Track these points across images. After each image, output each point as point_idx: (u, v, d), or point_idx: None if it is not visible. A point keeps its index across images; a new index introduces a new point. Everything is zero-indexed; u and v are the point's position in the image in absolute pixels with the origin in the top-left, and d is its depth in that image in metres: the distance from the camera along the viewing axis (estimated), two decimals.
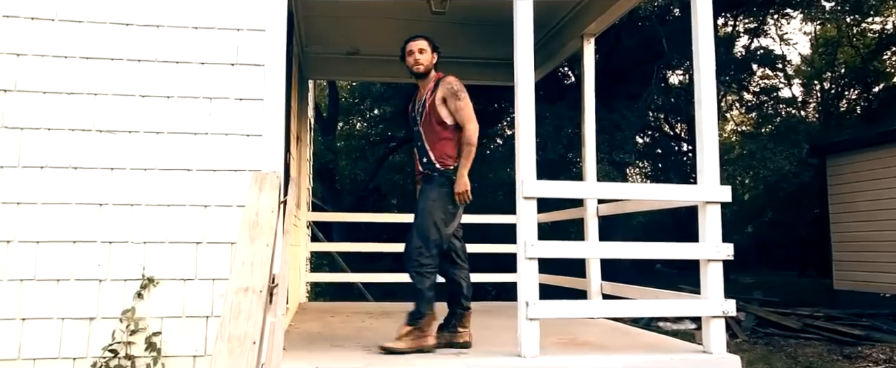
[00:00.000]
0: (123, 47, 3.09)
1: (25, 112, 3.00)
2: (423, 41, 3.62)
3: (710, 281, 3.30)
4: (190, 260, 3.02)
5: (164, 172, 3.06)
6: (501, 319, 4.91)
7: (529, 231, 3.19)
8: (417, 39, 3.62)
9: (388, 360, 3.16)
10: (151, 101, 3.08)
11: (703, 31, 3.48)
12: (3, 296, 2.89)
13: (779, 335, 9.69)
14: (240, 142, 3.11)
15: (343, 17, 5.56)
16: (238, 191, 3.07)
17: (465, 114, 3.43)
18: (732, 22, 18.32)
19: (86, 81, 3.05)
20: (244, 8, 3.17)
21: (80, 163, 3.01)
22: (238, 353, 1.96)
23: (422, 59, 3.56)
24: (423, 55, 3.57)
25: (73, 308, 2.93)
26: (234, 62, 3.15)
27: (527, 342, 3.13)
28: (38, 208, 2.97)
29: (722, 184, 3.39)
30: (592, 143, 5.00)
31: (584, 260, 4.80)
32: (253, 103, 3.13)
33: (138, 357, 2.93)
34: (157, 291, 2.98)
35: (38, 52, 3.03)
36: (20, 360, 2.88)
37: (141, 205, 3.03)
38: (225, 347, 1.98)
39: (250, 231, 2.60)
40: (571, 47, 5.52)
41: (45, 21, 3.05)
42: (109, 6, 3.09)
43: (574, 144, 13.77)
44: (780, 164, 11.35)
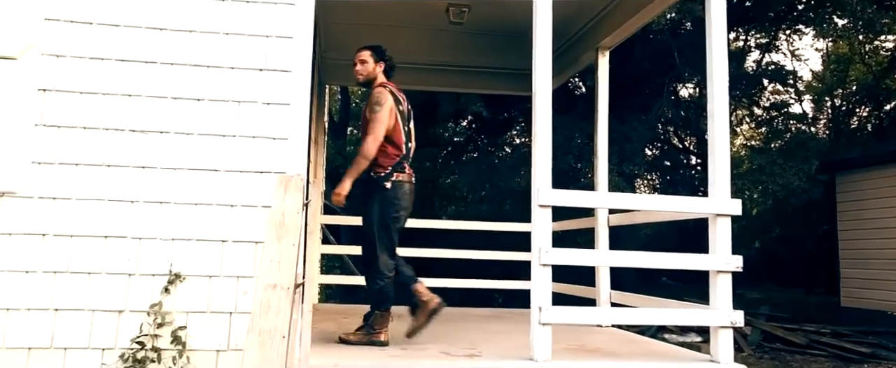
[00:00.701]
0: (157, 51, 3.21)
1: (63, 111, 3.12)
2: (366, 52, 3.84)
3: (719, 292, 3.37)
4: (215, 257, 3.13)
5: (192, 172, 3.17)
6: (509, 324, 5.00)
7: (544, 238, 3.28)
8: (361, 50, 3.88)
9: (403, 359, 3.25)
10: (183, 103, 3.20)
11: (718, 46, 3.58)
12: (38, 287, 3.00)
13: (785, 350, 9.71)
14: (266, 145, 3.22)
15: (363, 25, 5.68)
16: (263, 192, 3.18)
17: (370, 127, 3.60)
18: (744, 36, 18.38)
19: (121, 83, 3.17)
20: (273, 16, 3.29)
21: (114, 161, 3.13)
22: (268, 346, 2.06)
23: (360, 70, 3.81)
24: (363, 66, 3.81)
25: (103, 300, 3.04)
26: (263, 67, 3.27)
27: (539, 346, 3.22)
28: (73, 203, 3.08)
29: (732, 196, 3.48)
30: (605, 155, 5.09)
31: (593, 269, 4.88)
32: (280, 108, 3.24)
33: (164, 349, 3.03)
34: (183, 286, 3.09)
35: (77, 53, 3.15)
36: (52, 349, 2.99)
37: (170, 203, 3.14)
38: (256, 340, 2.07)
39: (277, 230, 2.71)
40: (586, 59, 5.62)
41: (84, 24, 3.17)
42: (145, 11, 3.22)
43: (584, 155, 13.84)
44: (790, 180, 11.38)
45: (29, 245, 3.03)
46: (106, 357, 3.02)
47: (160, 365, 3.01)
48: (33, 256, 3.03)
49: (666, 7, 4.40)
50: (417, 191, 3.98)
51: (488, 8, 5.30)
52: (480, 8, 5.27)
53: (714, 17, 3.58)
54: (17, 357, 2.96)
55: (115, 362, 3.01)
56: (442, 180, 21.42)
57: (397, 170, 3.68)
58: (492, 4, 5.24)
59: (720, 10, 3.58)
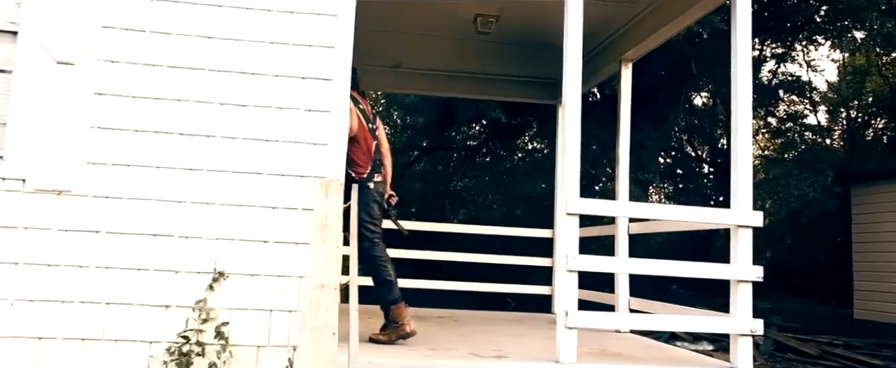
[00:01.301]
0: (206, 58, 3.36)
1: (116, 114, 3.28)
2: None
3: (740, 301, 3.49)
4: (258, 256, 3.27)
5: (237, 174, 3.32)
6: (528, 328, 5.11)
7: (571, 245, 3.41)
8: None
9: (434, 358, 3.38)
10: (228, 109, 3.35)
11: (742, 64, 3.69)
12: (91, 282, 3.16)
13: (797, 360, 9.75)
14: (307, 150, 3.36)
15: (391, 32, 5.82)
16: (303, 195, 3.32)
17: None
18: (759, 46, 18.39)
19: (171, 88, 3.33)
20: (316, 27, 3.44)
21: (163, 163, 3.28)
22: (320, 341, 2.19)
23: None
24: None
25: (151, 296, 3.20)
26: (305, 76, 3.41)
27: (565, 349, 3.34)
28: (124, 202, 3.24)
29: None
30: (626, 165, 5.21)
31: (612, 275, 4.99)
32: (321, 114, 3.39)
33: (208, 344, 3.17)
34: (226, 284, 3.24)
35: (131, 59, 3.31)
36: (103, 340, 3.14)
37: (215, 204, 3.29)
38: (308, 336, 2.21)
39: (321, 233, 2.85)
40: (608, 71, 5.75)
41: (138, 32, 3.33)
42: (195, 21, 3.37)
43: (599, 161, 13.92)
44: (805, 191, 11.42)
45: (83, 241, 3.19)
46: (153, 350, 3.17)
47: (204, 359, 3.15)
48: (87, 252, 3.18)
49: (690, 23, 4.52)
50: (430, 194, 4.13)
51: (515, 18, 5.43)
52: (507, 18, 5.40)
53: (740, 34, 3.69)
54: (72, 347, 3.12)
55: (161, 354, 3.15)
56: (454, 183, 21.54)
57: (376, 170, 3.94)
58: (519, 15, 5.37)
59: (745, 27, 3.70)
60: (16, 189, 3.17)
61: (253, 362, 3.20)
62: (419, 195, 20.00)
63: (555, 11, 4.36)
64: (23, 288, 3.12)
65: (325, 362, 2.12)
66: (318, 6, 3.43)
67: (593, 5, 4.16)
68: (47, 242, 3.17)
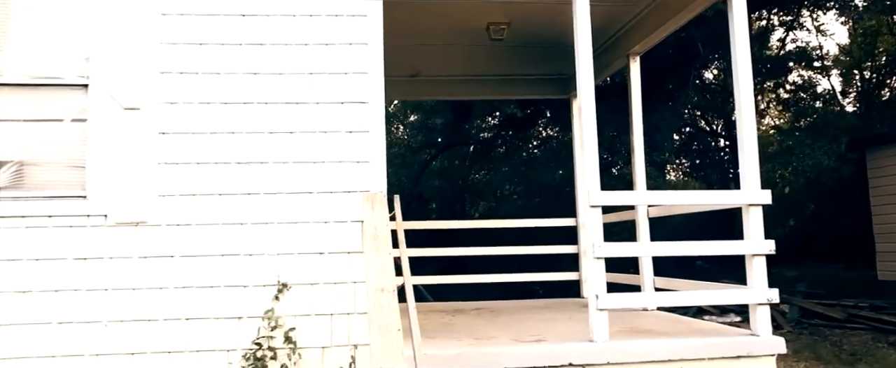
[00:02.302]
0: (253, 93, 3.74)
1: (179, 150, 3.67)
2: None
3: (755, 273, 3.80)
4: (315, 267, 3.65)
5: (290, 195, 3.70)
6: (559, 313, 5.44)
7: (596, 234, 3.75)
8: None
9: (480, 346, 3.74)
10: (278, 137, 3.73)
11: (742, 56, 3.99)
12: (171, 301, 3.56)
13: (824, 325, 9.99)
14: (351, 168, 3.73)
15: (408, 45, 6.16)
16: (351, 209, 3.69)
17: None
18: (767, 15, 18.42)
19: (224, 122, 3.71)
20: (349, 55, 3.80)
21: (224, 191, 3.67)
22: (388, 337, 2.55)
23: None
24: None
25: (224, 309, 3.59)
26: (343, 101, 3.78)
27: (597, 329, 3.68)
28: (192, 228, 3.63)
29: (762, 179, 3.88)
30: (641, 155, 5.52)
31: (636, 258, 5.32)
32: (360, 134, 3.76)
33: (278, 348, 3.56)
34: (290, 294, 3.62)
35: (187, 100, 3.70)
36: (187, 352, 3.54)
37: (273, 223, 3.67)
38: (378, 334, 2.58)
39: (374, 242, 3.22)
40: (617, 65, 6.05)
41: (192, 74, 3.72)
42: (241, 60, 3.75)
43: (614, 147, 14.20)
44: (819, 159, 11.61)
45: (161, 265, 3.59)
46: (231, 357, 3.56)
47: (277, 362, 3.55)
48: (165, 275, 3.58)
49: (692, 17, 4.81)
50: (448, 189, 4.43)
51: (525, 22, 5.74)
52: (517, 23, 5.72)
53: (737, 28, 3.99)
54: (161, 360, 3.52)
55: (238, 361, 3.55)
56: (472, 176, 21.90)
57: None
58: (528, 20, 5.68)
59: (742, 20, 4.00)
60: (99, 223, 3.58)
61: (319, 361, 3.59)
62: (438, 191, 20.40)
63: (562, 12, 4.67)
64: (114, 311, 3.53)
65: (395, 355, 2.48)
66: (350, 37, 3.80)
67: (598, 5, 4.46)
68: (130, 269, 3.57)
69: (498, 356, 3.59)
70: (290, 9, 3.79)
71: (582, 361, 3.61)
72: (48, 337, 3.48)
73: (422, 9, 5.13)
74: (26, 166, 3.64)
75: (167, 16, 3.74)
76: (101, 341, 3.50)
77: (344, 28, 3.81)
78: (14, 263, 3.51)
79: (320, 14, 3.81)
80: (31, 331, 3.48)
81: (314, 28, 3.80)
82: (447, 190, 20.71)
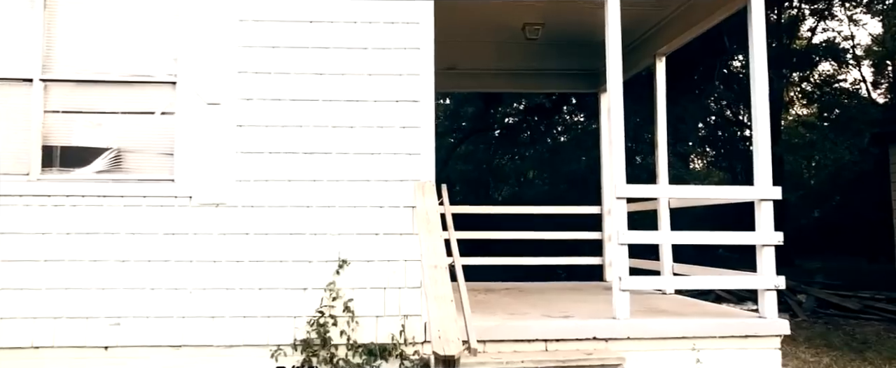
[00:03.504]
0: (319, 91, 4.22)
1: (254, 141, 4.17)
2: None
3: (764, 262, 4.22)
4: (371, 246, 4.15)
5: (350, 182, 4.19)
6: (584, 295, 5.90)
7: (621, 223, 4.19)
8: None
9: (514, 320, 4.22)
10: (340, 130, 4.21)
11: (758, 56, 4.37)
12: (246, 273, 4.09)
13: (839, 316, 10.30)
14: (404, 159, 4.21)
15: (448, 42, 6.57)
16: (403, 196, 4.18)
17: None
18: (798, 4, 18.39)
19: (293, 117, 4.20)
20: (404, 59, 4.26)
21: (292, 177, 4.17)
22: (443, 307, 3.03)
23: None
24: None
25: (292, 281, 4.11)
26: (398, 99, 4.25)
27: (620, 307, 4.14)
28: (265, 209, 4.15)
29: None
30: (664, 149, 5.92)
31: (657, 245, 5.75)
32: (412, 130, 4.23)
33: (338, 316, 4.08)
34: (349, 269, 4.13)
35: (261, 96, 4.20)
36: (259, 318, 4.08)
37: (335, 207, 4.17)
38: (434, 303, 3.05)
39: (426, 226, 3.70)
40: (644, 64, 6.42)
41: (265, 74, 4.21)
42: (308, 61, 4.23)
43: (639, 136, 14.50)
44: (841, 154, 11.83)
45: (237, 242, 4.11)
46: (297, 323, 4.09)
47: (336, 328, 4.06)
48: (241, 250, 4.11)
49: (716, 23, 5.18)
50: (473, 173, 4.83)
51: (558, 22, 6.13)
52: (551, 23, 6.11)
53: (755, 39, 4.37)
54: (237, 323, 4.06)
55: (304, 326, 4.07)
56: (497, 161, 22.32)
57: None
58: (561, 19, 6.08)
59: (760, 31, 4.37)
60: (185, 204, 4.11)
61: (373, 328, 4.10)
62: (463, 175, 20.86)
63: (593, 13, 5.08)
64: (197, 280, 4.07)
65: (450, 321, 2.95)
66: (405, 42, 4.26)
67: (627, 8, 4.84)
68: (211, 243, 4.11)
69: (530, 328, 4.08)
70: (352, 16, 4.25)
71: (605, 335, 4.08)
72: (142, 301, 4.04)
73: (464, 11, 5.56)
74: (123, 152, 4.18)
75: (244, 22, 4.22)
76: (186, 305, 4.05)
77: (399, 34, 4.27)
78: (113, 236, 4.06)
79: (378, 21, 4.27)
80: (128, 295, 4.04)
81: (373, 34, 4.26)
82: (472, 175, 21.16)
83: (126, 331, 4.02)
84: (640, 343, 4.07)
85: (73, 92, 4.19)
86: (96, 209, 4.07)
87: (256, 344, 4.05)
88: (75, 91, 4.19)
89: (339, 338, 4.04)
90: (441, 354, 2.75)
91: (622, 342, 4.08)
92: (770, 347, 4.18)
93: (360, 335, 4.07)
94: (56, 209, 4.05)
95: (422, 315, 4.08)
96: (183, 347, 4.04)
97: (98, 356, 4.00)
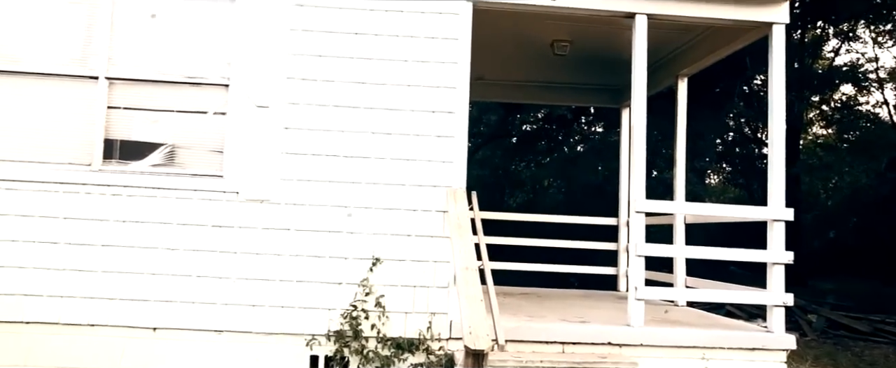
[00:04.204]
0: (360, 99, 4.51)
1: (299, 143, 4.47)
2: None
3: (774, 279, 4.45)
4: (403, 247, 4.43)
5: (386, 186, 4.47)
6: (598, 302, 6.14)
7: (639, 236, 4.44)
8: None
9: (535, 322, 4.48)
10: (378, 137, 4.50)
11: (777, 92, 4.60)
12: (286, 266, 4.38)
13: (848, 337, 10.43)
14: (437, 167, 4.49)
15: (476, 54, 6.83)
16: (435, 200, 4.45)
17: None
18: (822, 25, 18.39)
19: (335, 123, 4.49)
20: (441, 71, 4.54)
21: (332, 178, 4.46)
22: (474, 305, 3.30)
23: None
24: None
25: (328, 276, 4.40)
26: (434, 110, 4.53)
27: (635, 315, 4.39)
28: (306, 208, 4.44)
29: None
30: (682, 166, 6.16)
31: (669, 259, 5.98)
32: (446, 139, 4.50)
33: (370, 311, 4.36)
34: (382, 267, 4.41)
35: (307, 102, 4.49)
36: (296, 308, 4.36)
37: (372, 208, 4.46)
38: (466, 302, 3.32)
39: (457, 230, 3.97)
40: (666, 83, 6.66)
41: (311, 81, 4.51)
42: (351, 71, 4.52)
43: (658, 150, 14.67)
44: (857, 177, 11.94)
45: (279, 237, 4.41)
46: (331, 315, 4.37)
47: (368, 322, 4.34)
48: (282, 244, 4.40)
49: (736, 49, 5.41)
50: (489, 179, 5.09)
51: (585, 40, 6.39)
52: (578, 41, 6.37)
53: (775, 68, 4.60)
54: (276, 312, 4.35)
55: (338, 318, 4.35)
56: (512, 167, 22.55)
57: None
58: (588, 38, 6.33)
59: (780, 61, 4.60)
60: (232, 199, 4.42)
61: (402, 324, 4.38)
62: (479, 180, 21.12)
63: (618, 34, 5.33)
64: (241, 270, 4.37)
65: (480, 319, 3.22)
66: (444, 56, 4.54)
67: (653, 30, 5.08)
68: (254, 237, 4.41)
69: (549, 330, 4.33)
70: (395, 30, 4.54)
71: (620, 341, 4.32)
72: (189, 287, 4.34)
73: (496, 27, 5.83)
74: (177, 148, 4.50)
75: (294, 31, 4.53)
76: (230, 293, 4.35)
77: (438, 48, 4.55)
78: (165, 226, 4.37)
79: (419, 36, 4.55)
80: (176, 281, 4.35)
81: (413, 47, 4.55)
82: (487, 180, 21.40)
83: (173, 315, 4.32)
84: (653, 350, 4.32)
85: (133, 90, 4.51)
86: (150, 200, 4.38)
87: (293, 333, 4.34)
88: (135, 89, 4.51)
89: (369, 331, 4.32)
90: (472, 348, 3.02)
91: (636, 348, 4.32)
92: (776, 361, 4.40)
93: (390, 329, 4.35)
94: (114, 198, 4.37)
95: (448, 314, 4.36)
96: (224, 332, 4.34)
97: (147, 336, 4.31)
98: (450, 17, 4.56)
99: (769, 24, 4.66)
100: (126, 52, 4.53)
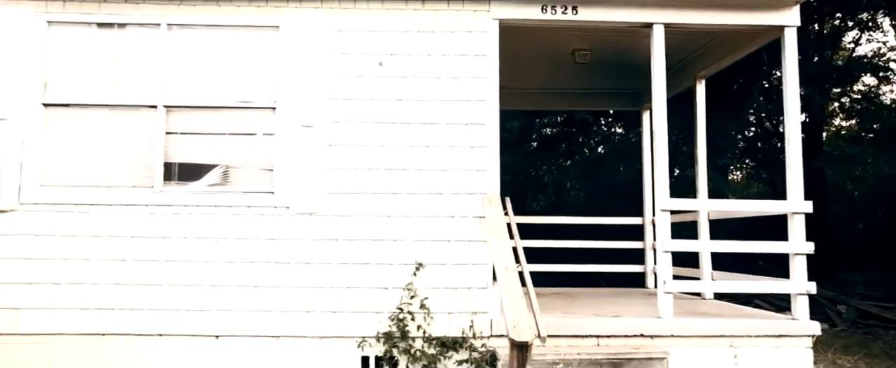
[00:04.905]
0: (398, 115, 4.84)
1: (343, 158, 4.81)
2: None
3: (796, 269, 4.69)
4: (444, 251, 4.74)
5: (425, 195, 4.79)
6: (629, 299, 6.39)
7: (665, 232, 4.70)
8: None
9: (569, 318, 4.76)
10: (416, 149, 4.82)
11: (791, 92, 4.84)
12: (335, 274, 4.71)
13: (880, 326, 10.48)
14: (472, 175, 4.79)
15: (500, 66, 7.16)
16: (471, 207, 4.76)
17: None
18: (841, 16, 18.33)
19: (376, 138, 4.83)
20: (472, 87, 4.85)
21: (375, 190, 4.79)
22: (516, 302, 3.59)
23: None
24: None
25: (375, 281, 4.72)
26: (467, 122, 4.84)
27: (664, 308, 4.65)
28: (352, 219, 4.77)
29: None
30: (704, 165, 6.40)
31: (694, 254, 6.22)
32: (480, 149, 4.81)
33: (415, 312, 4.67)
34: (424, 271, 4.72)
35: (348, 120, 4.83)
36: (346, 312, 4.69)
37: (412, 216, 4.77)
38: (508, 299, 3.61)
39: (495, 234, 4.27)
40: (684, 85, 6.90)
41: (351, 100, 4.85)
42: (389, 89, 4.85)
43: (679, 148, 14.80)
44: (881, 168, 11.99)
45: (328, 246, 4.74)
46: (379, 318, 4.69)
47: (414, 323, 4.65)
48: (331, 253, 4.74)
49: (752, 51, 5.65)
50: (510, 182, 5.35)
51: (604, 48, 6.66)
52: (598, 49, 6.64)
53: (789, 69, 4.84)
54: (328, 318, 4.68)
55: (385, 321, 4.67)
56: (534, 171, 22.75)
57: None
58: (607, 46, 6.61)
59: (793, 61, 4.85)
60: (283, 213, 4.76)
61: (446, 323, 4.68)
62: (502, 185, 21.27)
63: (637, 41, 5.60)
64: (294, 279, 4.71)
65: (522, 314, 3.51)
66: (474, 72, 4.86)
67: (670, 35, 5.34)
68: (305, 248, 4.74)
69: (584, 325, 4.61)
70: (428, 49, 4.87)
71: (651, 332, 4.58)
72: (246, 297, 4.69)
73: (519, 40, 6.13)
74: (230, 168, 4.86)
75: (333, 54, 4.87)
76: (284, 301, 4.69)
77: (468, 65, 4.87)
78: (222, 240, 4.73)
79: (451, 53, 4.88)
80: (235, 292, 4.70)
81: (445, 65, 4.87)
82: (509, 184, 21.60)
83: (233, 323, 4.67)
84: (683, 340, 4.57)
85: (188, 115, 4.89)
86: (208, 217, 4.75)
87: (345, 336, 4.66)
88: (191, 115, 4.89)
89: (415, 332, 4.63)
90: (516, 340, 3.31)
91: (666, 339, 4.57)
92: (802, 346, 4.63)
93: (434, 329, 4.65)
94: (175, 216, 4.74)
95: (488, 313, 4.65)
96: (281, 337, 4.68)
97: (210, 343, 4.66)
98: (478, 34, 4.88)
99: (780, 28, 4.91)
100: (181, 81, 4.90)
